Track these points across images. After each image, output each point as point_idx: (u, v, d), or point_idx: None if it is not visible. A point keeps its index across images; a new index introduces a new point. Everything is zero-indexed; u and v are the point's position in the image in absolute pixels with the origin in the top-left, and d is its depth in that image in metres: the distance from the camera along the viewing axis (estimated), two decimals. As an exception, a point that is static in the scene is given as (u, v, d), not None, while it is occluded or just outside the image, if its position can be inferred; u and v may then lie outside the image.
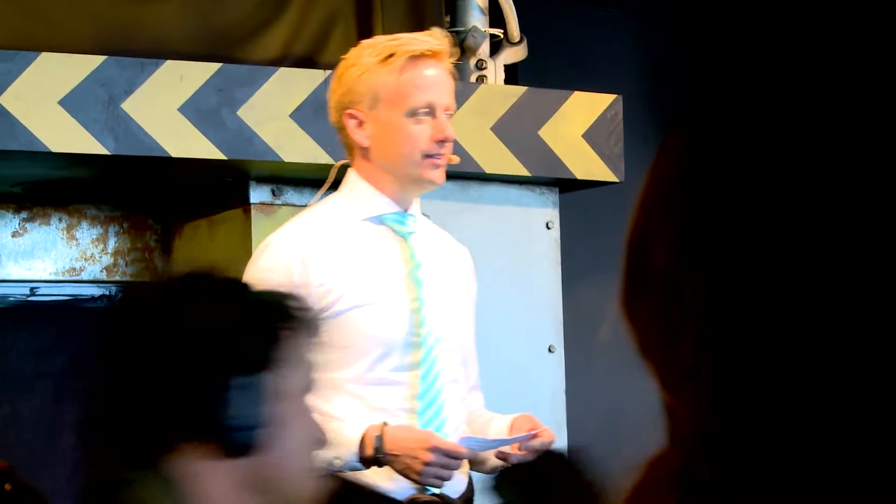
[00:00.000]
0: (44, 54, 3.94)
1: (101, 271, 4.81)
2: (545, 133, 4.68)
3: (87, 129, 3.98)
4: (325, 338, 2.81)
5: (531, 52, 4.90)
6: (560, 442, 4.74)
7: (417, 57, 2.96)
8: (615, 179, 4.80)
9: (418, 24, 4.66)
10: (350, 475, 2.84)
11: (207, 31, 4.27)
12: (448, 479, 2.79)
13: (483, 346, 4.65)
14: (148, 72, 4.06)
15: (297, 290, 2.79)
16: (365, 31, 4.52)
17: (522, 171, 4.63)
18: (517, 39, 4.87)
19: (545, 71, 5.15)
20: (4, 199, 4.63)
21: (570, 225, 5.05)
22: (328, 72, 4.29)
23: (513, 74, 4.91)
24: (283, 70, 4.25)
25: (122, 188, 4.66)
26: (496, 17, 4.87)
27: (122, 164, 4.15)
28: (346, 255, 2.92)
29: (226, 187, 4.50)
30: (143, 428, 1.80)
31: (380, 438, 2.78)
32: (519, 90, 4.67)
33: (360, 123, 2.98)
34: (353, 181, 3.03)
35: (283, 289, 2.37)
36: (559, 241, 4.81)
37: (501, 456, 2.89)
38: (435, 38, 3.00)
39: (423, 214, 3.16)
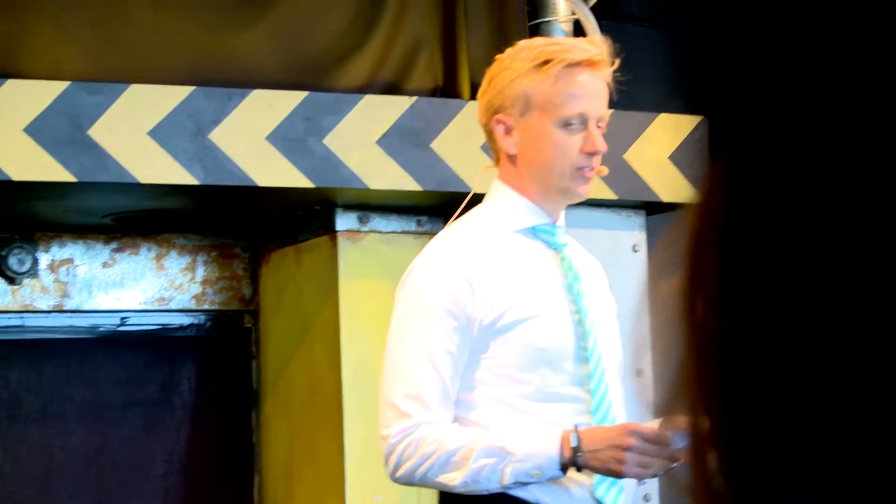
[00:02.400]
0: (133, 86, 3.98)
1: (190, 300, 4.84)
2: (630, 156, 4.66)
3: (176, 159, 4.01)
4: (495, 353, 2.73)
5: (616, 74, 4.88)
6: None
7: (574, 65, 2.85)
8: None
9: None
10: (532, 500, 2.73)
11: (293, 59, 4.29)
12: (653, 469, 2.66)
13: (571, 371, 4.65)
14: (235, 101, 4.09)
15: (465, 310, 2.71)
16: (450, 57, 4.53)
17: (609, 195, 4.61)
18: (600, 57, 4.85)
19: (630, 93, 5.13)
20: (95, 230, 4.68)
21: (657, 248, 5.02)
22: (414, 98, 4.31)
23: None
24: (368, 97, 4.26)
25: (210, 217, 4.69)
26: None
27: (211, 194, 4.18)
28: (505, 268, 2.79)
29: (313, 215, 4.52)
30: None
31: (577, 437, 2.64)
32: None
33: (509, 130, 2.85)
34: (500, 191, 2.89)
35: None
36: (646, 263, 4.78)
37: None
38: (595, 47, 2.88)
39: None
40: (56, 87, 3.89)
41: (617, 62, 2.95)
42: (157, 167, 4.00)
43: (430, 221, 4.61)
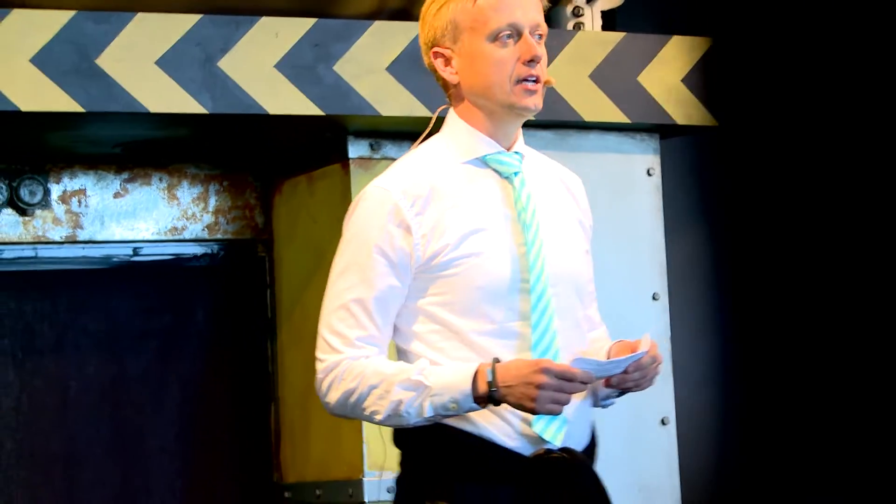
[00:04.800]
0: (139, 15, 3.95)
1: (203, 230, 4.82)
2: (644, 79, 4.62)
3: (184, 88, 3.99)
4: (436, 289, 2.75)
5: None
6: (666, 390, 4.71)
7: None
8: (715, 123, 4.74)
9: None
10: (475, 432, 2.75)
11: (302, -15, 4.26)
12: (565, 402, 2.66)
13: (586, 296, 4.64)
14: (243, 29, 4.06)
15: (402, 248, 2.74)
16: (459, -19, 4.47)
17: (622, 118, 4.58)
18: (614, -15, 4.81)
19: (644, 15, 5.08)
20: (105, 160, 4.66)
21: (671, 171, 5.00)
22: (423, 23, 4.27)
23: (611, 20, 4.84)
24: (378, 23, 4.22)
25: (221, 146, 4.67)
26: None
27: (221, 123, 4.16)
28: (448, 202, 2.79)
29: (324, 143, 4.49)
30: None
31: (492, 372, 2.66)
32: (617, 36, 4.61)
33: (447, 60, 2.82)
34: (451, 123, 2.88)
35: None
36: (661, 187, 4.75)
37: (610, 382, 2.76)
38: None
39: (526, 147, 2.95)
40: (62, 17, 3.86)
41: None
42: (166, 96, 3.98)
43: (442, 147, 4.58)
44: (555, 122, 4.52)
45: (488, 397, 2.68)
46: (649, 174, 4.74)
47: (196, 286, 4.96)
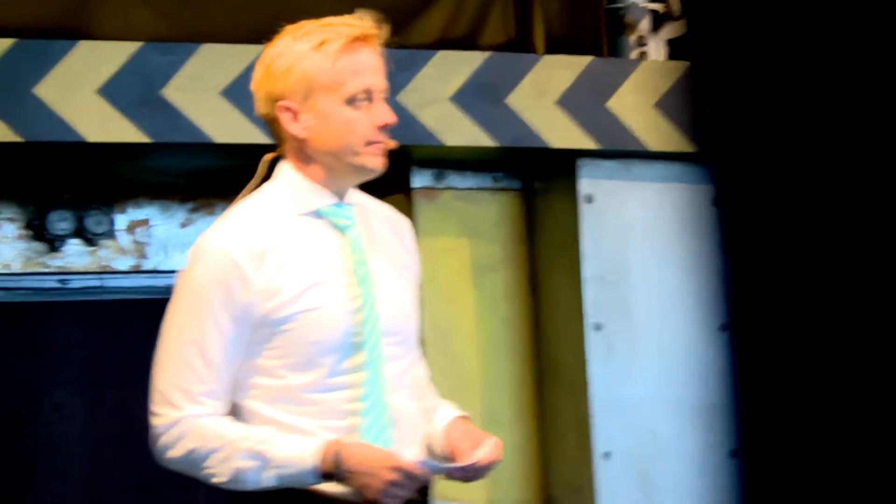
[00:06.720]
0: (205, 45, 3.96)
1: (267, 258, 4.83)
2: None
3: (249, 118, 4.00)
4: (273, 344, 2.75)
5: (693, 25, 4.81)
6: (736, 422, 4.67)
7: (351, 42, 2.81)
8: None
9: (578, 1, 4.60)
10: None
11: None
12: (405, 497, 2.71)
13: (652, 326, 4.60)
14: (307, 59, 4.06)
15: (239, 300, 2.73)
16: (523, 9, 4.47)
17: (687, 148, 4.55)
18: (678, 14, 4.79)
19: (709, 44, 5.05)
20: (170, 190, 4.68)
21: (737, 200, 4.96)
22: (488, 53, 4.26)
23: (677, 49, 4.82)
24: (442, 53, 4.22)
25: (285, 176, 4.68)
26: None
27: (285, 153, 4.16)
28: (285, 257, 2.80)
29: (387, 173, 4.46)
30: None
31: (338, 454, 2.69)
32: (682, 65, 4.58)
33: (295, 115, 2.81)
34: (286, 174, 2.88)
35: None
36: (727, 216, 4.72)
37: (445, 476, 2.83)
38: (367, 22, 2.84)
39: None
40: (128, 48, 3.89)
41: (386, 38, 2.89)
42: (231, 126, 3.98)
43: (505, 177, 4.56)
44: (619, 151, 4.49)
45: (332, 476, 2.71)
46: (714, 203, 4.71)
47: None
